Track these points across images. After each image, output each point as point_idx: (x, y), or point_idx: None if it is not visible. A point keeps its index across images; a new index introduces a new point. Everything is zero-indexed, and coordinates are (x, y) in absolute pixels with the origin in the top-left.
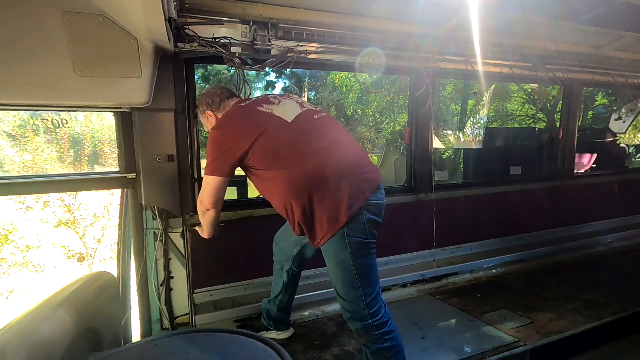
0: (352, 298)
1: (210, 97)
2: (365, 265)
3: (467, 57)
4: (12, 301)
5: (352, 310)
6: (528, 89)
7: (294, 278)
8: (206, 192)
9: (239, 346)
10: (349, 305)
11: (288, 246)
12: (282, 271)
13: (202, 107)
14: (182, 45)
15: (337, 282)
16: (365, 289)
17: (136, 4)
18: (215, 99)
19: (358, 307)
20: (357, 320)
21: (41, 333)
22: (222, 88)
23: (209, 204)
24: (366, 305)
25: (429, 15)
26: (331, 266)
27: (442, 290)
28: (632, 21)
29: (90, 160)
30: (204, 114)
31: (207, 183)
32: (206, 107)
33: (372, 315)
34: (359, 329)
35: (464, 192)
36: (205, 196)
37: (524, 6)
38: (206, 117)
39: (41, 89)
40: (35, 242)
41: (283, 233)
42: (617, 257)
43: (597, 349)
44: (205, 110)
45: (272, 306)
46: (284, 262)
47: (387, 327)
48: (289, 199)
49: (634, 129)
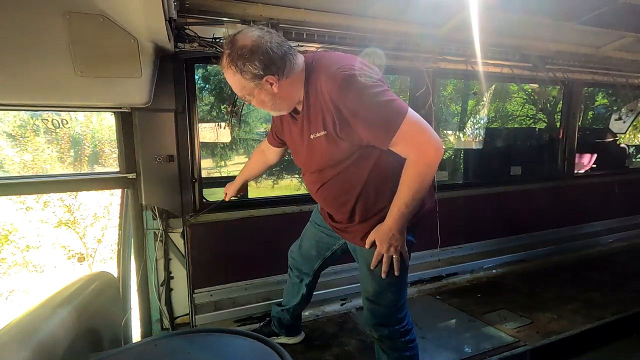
0: (386, 302)
1: (266, 53)
2: (406, 268)
3: (467, 57)
4: (12, 301)
5: (382, 315)
6: (528, 89)
7: (312, 290)
8: (424, 132)
9: (239, 346)
10: (380, 310)
11: (311, 259)
12: (301, 284)
13: (261, 70)
14: (182, 45)
15: (373, 285)
16: (401, 293)
17: (136, 4)
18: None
19: (390, 311)
20: (384, 326)
21: (41, 333)
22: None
23: (437, 141)
24: (397, 310)
25: (429, 15)
26: (373, 269)
27: (442, 290)
28: (632, 21)
29: (90, 160)
30: (260, 81)
31: (412, 124)
32: (266, 71)
33: (400, 321)
34: (383, 335)
35: (464, 192)
36: (428, 136)
37: (524, 6)
38: (261, 89)
39: (41, 89)
40: (35, 242)
41: (306, 243)
42: (617, 257)
43: (597, 349)
44: (266, 75)
45: (285, 314)
46: (305, 275)
47: (410, 334)
48: (380, 182)
49: (634, 129)
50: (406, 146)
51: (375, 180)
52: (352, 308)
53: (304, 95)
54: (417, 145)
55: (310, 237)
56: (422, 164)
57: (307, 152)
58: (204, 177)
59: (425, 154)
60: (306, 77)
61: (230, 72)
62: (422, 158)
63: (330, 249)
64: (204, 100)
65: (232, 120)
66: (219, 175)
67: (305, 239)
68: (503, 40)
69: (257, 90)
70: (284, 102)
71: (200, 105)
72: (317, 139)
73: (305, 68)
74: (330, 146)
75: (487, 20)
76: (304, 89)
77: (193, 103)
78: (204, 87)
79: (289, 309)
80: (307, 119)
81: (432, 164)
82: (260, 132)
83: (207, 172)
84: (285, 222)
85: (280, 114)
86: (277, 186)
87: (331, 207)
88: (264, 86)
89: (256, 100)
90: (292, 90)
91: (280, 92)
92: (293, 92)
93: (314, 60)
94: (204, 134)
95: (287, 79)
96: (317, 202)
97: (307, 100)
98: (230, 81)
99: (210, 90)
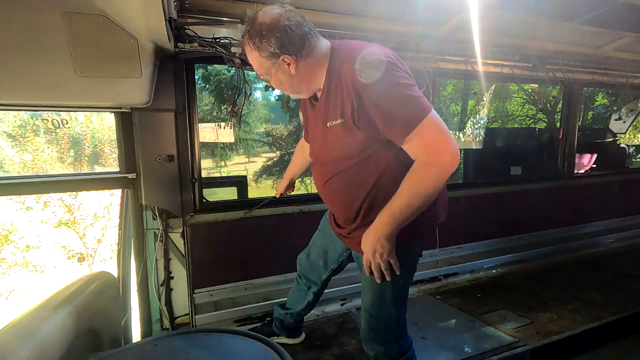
0: (386, 316)
1: (284, 31)
2: (410, 281)
3: (467, 57)
4: (12, 301)
5: (379, 329)
6: (528, 89)
7: (318, 297)
8: (443, 136)
9: (238, 346)
10: (378, 323)
11: (319, 269)
12: (308, 291)
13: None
14: (182, 45)
15: (374, 297)
16: (401, 307)
17: (136, 4)
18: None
19: (388, 326)
20: (381, 343)
21: (41, 333)
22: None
23: (455, 149)
24: (396, 326)
25: (429, 15)
26: (374, 279)
27: (442, 290)
28: (632, 21)
29: (90, 160)
30: (277, 60)
31: (433, 124)
32: (282, 50)
33: (398, 339)
34: (380, 353)
35: (463, 192)
36: (447, 141)
37: (524, 6)
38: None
39: (41, 89)
40: (35, 242)
41: (314, 252)
42: (617, 257)
43: (597, 349)
44: (282, 54)
45: (289, 318)
46: (313, 284)
47: (409, 352)
48: (390, 185)
49: (634, 129)
50: (420, 145)
51: (386, 183)
52: (352, 308)
53: (325, 81)
54: (432, 147)
55: (318, 247)
56: (433, 168)
57: (322, 141)
58: (204, 177)
59: (440, 158)
60: (330, 62)
61: (249, 49)
62: (435, 161)
63: (337, 261)
64: (204, 100)
65: (232, 120)
66: (219, 175)
67: (314, 248)
68: (503, 40)
69: (274, 69)
70: (302, 84)
71: (201, 105)
72: (334, 127)
73: (330, 54)
74: (346, 136)
75: (487, 20)
76: (326, 74)
77: (193, 103)
78: (204, 87)
79: (292, 312)
80: (326, 106)
81: (446, 169)
82: (260, 132)
83: (207, 172)
84: (285, 222)
85: (299, 96)
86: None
87: (336, 204)
88: (282, 66)
89: (274, 80)
90: (311, 73)
91: (298, 73)
92: (313, 75)
93: (340, 47)
94: (204, 134)
95: (305, 61)
96: (322, 198)
97: (329, 87)
98: (250, 58)
99: (210, 90)
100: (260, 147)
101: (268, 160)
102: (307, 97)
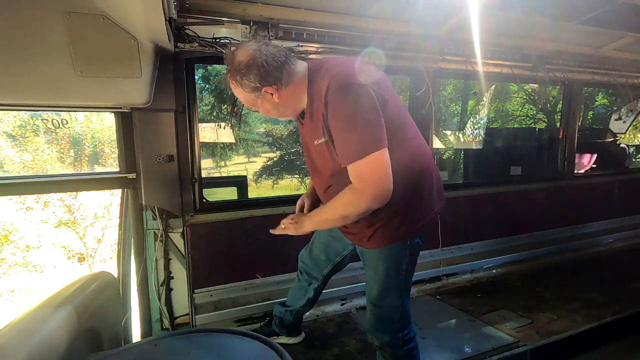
0: (390, 307)
1: (261, 66)
2: (412, 272)
3: (467, 57)
4: (12, 301)
5: (384, 320)
6: (528, 89)
7: (318, 294)
8: (381, 177)
9: (238, 346)
10: (383, 315)
11: (321, 264)
12: (309, 287)
13: (259, 83)
14: (182, 45)
15: (378, 289)
16: (405, 298)
17: (136, 4)
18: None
19: (392, 316)
20: (386, 333)
21: (41, 333)
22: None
23: (385, 192)
24: (400, 315)
25: (429, 16)
26: (378, 272)
27: (442, 290)
28: (632, 21)
29: (90, 160)
30: (260, 93)
31: (378, 162)
32: (263, 83)
33: (403, 328)
34: (385, 343)
35: (464, 192)
36: (381, 182)
37: (524, 6)
38: (263, 98)
39: (41, 89)
40: (35, 242)
41: (316, 248)
42: (617, 257)
43: (597, 349)
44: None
45: (288, 315)
46: (314, 280)
47: (412, 343)
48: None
49: (634, 129)
50: (355, 176)
51: None
52: (352, 308)
53: (307, 102)
54: (364, 183)
55: (321, 242)
56: (361, 198)
57: (313, 156)
58: (204, 177)
59: (367, 193)
60: (309, 83)
61: (233, 86)
62: (363, 194)
63: (340, 255)
64: (204, 100)
65: (232, 120)
66: (219, 175)
67: (316, 244)
68: (503, 40)
69: (259, 100)
70: (287, 108)
71: (201, 105)
72: (319, 145)
73: (308, 74)
74: (332, 153)
75: (486, 20)
76: (307, 95)
77: (193, 103)
78: (204, 87)
79: (292, 310)
80: (311, 125)
81: (368, 205)
82: (260, 133)
83: (207, 172)
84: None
85: (288, 118)
86: (277, 186)
87: None
88: (265, 96)
89: (261, 109)
90: (294, 97)
91: (282, 100)
92: (295, 99)
93: (316, 67)
94: (204, 134)
95: (287, 88)
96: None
97: (311, 106)
98: (236, 93)
99: (210, 90)
100: (260, 147)
101: (268, 160)
102: (295, 117)
